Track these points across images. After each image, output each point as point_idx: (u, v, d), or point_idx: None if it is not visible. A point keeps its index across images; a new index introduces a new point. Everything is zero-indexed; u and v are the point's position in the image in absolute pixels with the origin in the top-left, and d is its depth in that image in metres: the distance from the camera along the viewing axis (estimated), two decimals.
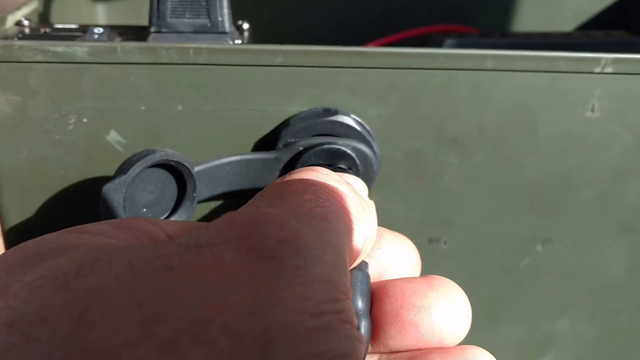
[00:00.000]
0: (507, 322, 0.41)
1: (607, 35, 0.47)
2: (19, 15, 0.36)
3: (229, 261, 0.16)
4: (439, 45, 0.44)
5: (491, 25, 0.59)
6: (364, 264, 0.26)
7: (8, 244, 0.34)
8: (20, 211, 0.33)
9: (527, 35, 0.48)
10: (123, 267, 0.16)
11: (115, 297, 0.15)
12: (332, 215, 0.19)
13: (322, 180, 0.21)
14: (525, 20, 0.60)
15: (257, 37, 0.43)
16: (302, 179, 0.21)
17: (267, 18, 0.56)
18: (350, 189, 0.22)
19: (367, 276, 0.25)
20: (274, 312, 0.15)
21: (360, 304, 0.24)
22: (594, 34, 0.48)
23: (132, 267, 0.16)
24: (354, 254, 0.21)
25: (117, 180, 0.27)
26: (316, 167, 0.22)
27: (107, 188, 0.27)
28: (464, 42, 0.45)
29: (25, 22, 0.35)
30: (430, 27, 0.52)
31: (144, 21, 0.34)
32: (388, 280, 0.25)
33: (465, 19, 0.56)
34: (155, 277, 0.16)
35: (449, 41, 0.44)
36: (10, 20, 0.35)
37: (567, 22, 0.61)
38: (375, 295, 0.25)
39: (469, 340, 0.40)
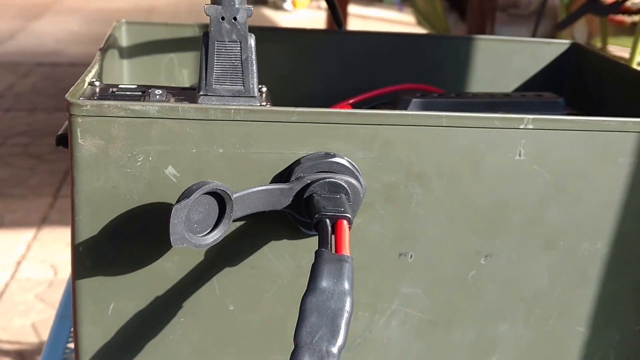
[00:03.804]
0: (460, 325, 0.50)
1: (538, 96, 0.60)
2: (90, 77, 0.48)
3: None
4: (407, 103, 0.57)
5: (449, 82, 0.71)
6: (350, 258, 0.37)
7: (76, 255, 0.45)
8: (90, 228, 0.44)
9: (475, 95, 0.60)
10: None
11: None
12: None
13: None
14: (477, 79, 0.72)
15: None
16: None
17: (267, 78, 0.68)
18: None
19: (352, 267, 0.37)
20: None
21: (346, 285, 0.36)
22: (527, 95, 0.60)
23: None
24: None
25: (182, 202, 0.38)
26: None
27: (175, 208, 0.38)
28: (427, 101, 0.57)
29: (97, 83, 0.47)
30: (400, 85, 0.64)
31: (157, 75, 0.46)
32: None
33: (428, 79, 0.68)
34: None
35: (415, 100, 0.57)
36: (86, 81, 0.47)
37: (512, 81, 0.73)
38: None
39: (429, 342, 0.51)
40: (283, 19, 6.09)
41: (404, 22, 5.75)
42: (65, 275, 1.99)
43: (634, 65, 1.85)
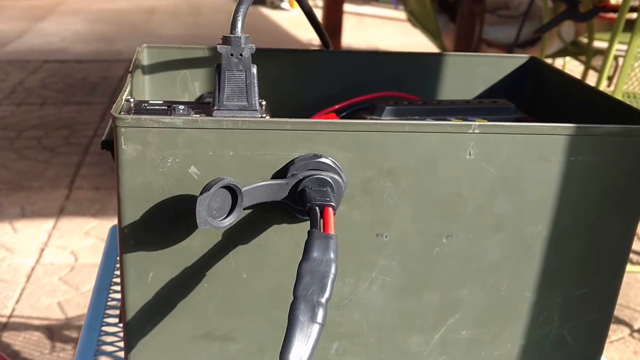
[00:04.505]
0: (428, 290, 0.60)
1: (493, 102, 0.71)
2: (125, 95, 0.59)
3: None
4: (382, 110, 0.68)
5: (421, 90, 0.82)
6: (335, 236, 0.49)
7: (122, 235, 0.56)
8: (132, 215, 0.55)
9: (440, 102, 0.71)
10: None
11: None
12: None
13: None
14: (447, 86, 0.82)
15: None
16: None
17: (267, 90, 0.79)
18: None
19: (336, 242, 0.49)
20: None
21: (332, 255, 0.48)
22: (484, 101, 0.71)
23: None
24: None
25: (204, 194, 0.50)
26: None
27: (200, 198, 0.50)
28: (398, 109, 0.68)
29: (131, 99, 0.58)
30: (376, 94, 0.75)
31: (173, 87, 0.58)
32: None
33: (401, 86, 0.79)
34: None
35: (388, 108, 0.68)
36: (123, 99, 0.58)
37: (478, 89, 0.84)
38: None
39: (403, 303, 0.61)
40: (281, 17, 6.19)
41: (399, 19, 5.85)
42: (84, 260, 2.16)
43: (611, 57, 1.99)
